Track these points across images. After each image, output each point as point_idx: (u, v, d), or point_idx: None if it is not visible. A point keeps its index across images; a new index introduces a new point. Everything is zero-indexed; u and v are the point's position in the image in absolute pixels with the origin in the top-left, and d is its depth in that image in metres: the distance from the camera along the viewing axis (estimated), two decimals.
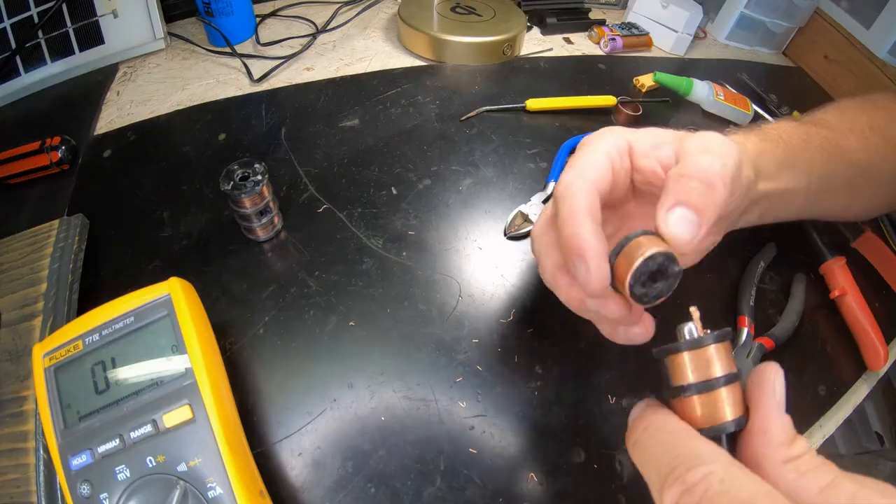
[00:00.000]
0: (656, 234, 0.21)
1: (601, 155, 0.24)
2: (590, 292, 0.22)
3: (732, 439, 0.17)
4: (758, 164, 0.28)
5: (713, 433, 0.17)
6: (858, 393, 0.38)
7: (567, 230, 0.22)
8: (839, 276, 0.42)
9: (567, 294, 0.26)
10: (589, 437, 0.31)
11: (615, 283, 0.22)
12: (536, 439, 0.31)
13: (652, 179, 0.25)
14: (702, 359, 0.18)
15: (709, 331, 0.18)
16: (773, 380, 0.18)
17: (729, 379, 0.18)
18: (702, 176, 0.21)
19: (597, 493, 0.30)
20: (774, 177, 0.30)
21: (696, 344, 0.18)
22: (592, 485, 0.30)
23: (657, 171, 0.25)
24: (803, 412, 0.36)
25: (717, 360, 0.18)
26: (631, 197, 0.28)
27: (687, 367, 0.18)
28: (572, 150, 0.49)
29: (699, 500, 0.15)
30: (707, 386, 0.17)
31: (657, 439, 0.18)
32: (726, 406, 0.17)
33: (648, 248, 0.20)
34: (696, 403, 0.18)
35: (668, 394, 0.19)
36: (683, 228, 0.20)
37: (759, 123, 0.33)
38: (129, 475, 0.23)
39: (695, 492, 0.15)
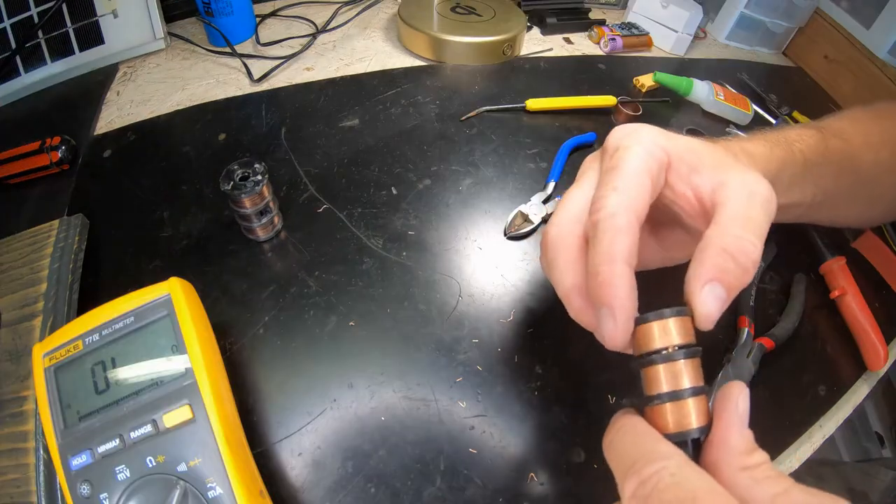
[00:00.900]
0: (685, 312, 0.21)
1: (644, 174, 0.22)
2: (608, 345, 0.21)
3: (698, 447, 0.19)
4: (775, 178, 0.28)
5: (679, 438, 0.19)
6: (858, 393, 0.38)
7: (602, 276, 0.21)
8: (839, 276, 0.42)
9: (578, 316, 0.24)
10: (589, 437, 0.31)
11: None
12: (536, 439, 0.31)
13: (682, 204, 0.24)
14: (673, 371, 0.20)
15: (680, 345, 0.20)
16: (737, 396, 0.19)
17: (696, 391, 0.20)
18: (740, 260, 0.20)
19: (597, 493, 0.30)
20: (785, 192, 0.30)
21: (669, 358, 0.20)
22: (592, 485, 0.30)
23: (689, 197, 0.23)
24: (803, 412, 0.36)
25: (686, 373, 0.20)
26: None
27: (661, 378, 0.20)
28: (573, 150, 0.49)
29: (651, 490, 0.17)
30: (676, 395, 0.19)
31: (626, 439, 0.20)
32: (692, 415, 0.19)
33: (674, 339, 0.20)
34: (667, 411, 0.20)
35: (643, 402, 0.21)
36: (713, 305, 0.20)
37: (783, 129, 0.32)
38: (129, 475, 0.23)
39: (648, 484, 0.17)
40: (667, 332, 0.20)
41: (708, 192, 0.23)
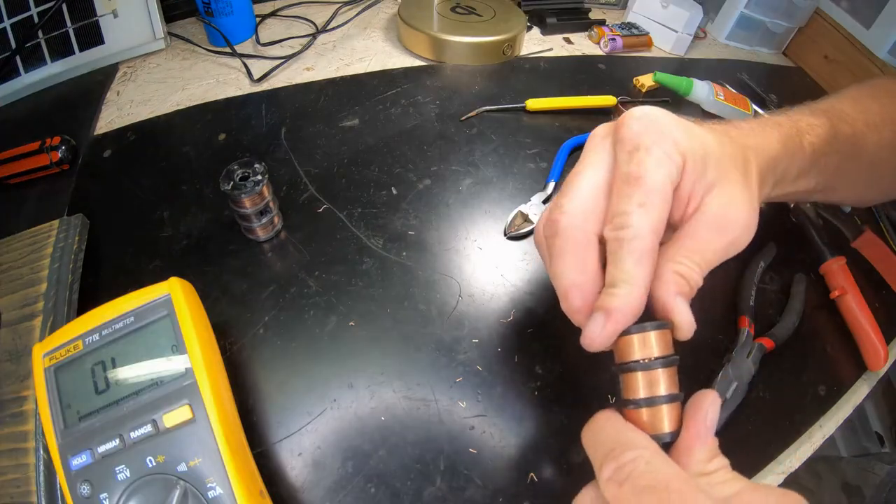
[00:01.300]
0: (665, 325, 0.22)
1: (668, 186, 0.22)
2: (585, 342, 0.22)
3: (666, 447, 0.20)
4: (783, 174, 0.29)
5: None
6: (858, 393, 0.38)
7: (619, 290, 0.21)
8: (839, 276, 0.42)
9: (572, 314, 0.24)
10: None
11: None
12: (536, 439, 0.31)
13: (673, 211, 0.24)
14: (650, 379, 0.21)
15: (658, 356, 0.21)
16: (707, 406, 0.20)
17: (671, 399, 0.21)
18: (690, 284, 0.23)
19: None
20: (792, 183, 0.30)
21: (647, 367, 0.21)
22: None
23: (681, 208, 0.24)
24: (803, 412, 0.36)
25: (663, 382, 0.21)
26: None
27: (638, 385, 0.21)
28: (573, 150, 0.49)
29: (627, 476, 0.18)
30: (651, 402, 0.21)
31: (605, 430, 0.21)
32: (665, 421, 0.21)
33: (653, 351, 0.21)
34: (643, 414, 0.21)
35: (622, 404, 0.22)
36: (690, 315, 0.22)
37: (796, 117, 0.31)
38: (129, 475, 0.23)
39: (624, 469, 0.18)
40: (647, 344, 0.21)
41: (693, 206, 0.24)
